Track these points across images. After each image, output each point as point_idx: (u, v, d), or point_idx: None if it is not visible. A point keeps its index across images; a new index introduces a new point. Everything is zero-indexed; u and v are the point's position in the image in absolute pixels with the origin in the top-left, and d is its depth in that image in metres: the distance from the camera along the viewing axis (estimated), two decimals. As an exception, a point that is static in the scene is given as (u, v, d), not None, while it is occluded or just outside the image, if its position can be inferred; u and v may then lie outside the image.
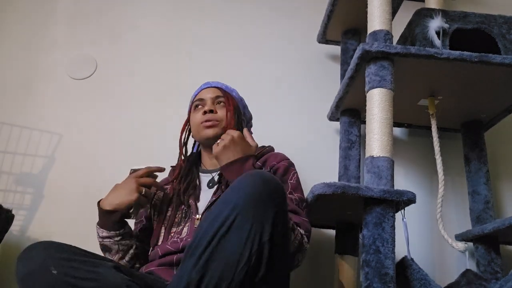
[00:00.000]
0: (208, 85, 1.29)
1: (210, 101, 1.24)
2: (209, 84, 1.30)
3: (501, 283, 1.13)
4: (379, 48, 1.22)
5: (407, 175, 1.73)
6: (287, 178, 1.12)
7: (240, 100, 1.33)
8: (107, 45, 1.88)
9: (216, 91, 1.26)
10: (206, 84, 1.31)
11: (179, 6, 1.97)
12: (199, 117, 1.21)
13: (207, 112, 1.20)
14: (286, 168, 1.14)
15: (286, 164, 1.15)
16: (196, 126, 1.23)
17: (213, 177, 1.20)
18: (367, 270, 1.05)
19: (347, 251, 1.45)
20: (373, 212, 1.10)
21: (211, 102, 1.24)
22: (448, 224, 1.60)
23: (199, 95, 1.27)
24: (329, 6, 1.66)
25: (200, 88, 1.31)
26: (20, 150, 1.68)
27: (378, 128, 1.17)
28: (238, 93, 1.34)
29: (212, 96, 1.25)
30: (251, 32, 1.92)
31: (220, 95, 1.25)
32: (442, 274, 1.57)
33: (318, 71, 1.88)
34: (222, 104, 1.23)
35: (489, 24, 1.39)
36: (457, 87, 1.40)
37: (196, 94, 1.29)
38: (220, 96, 1.25)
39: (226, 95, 1.25)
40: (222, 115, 1.21)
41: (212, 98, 1.24)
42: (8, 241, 1.50)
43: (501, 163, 1.75)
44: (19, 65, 1.83)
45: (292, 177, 1.14)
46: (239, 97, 1.34)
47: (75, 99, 1.78)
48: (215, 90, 1.26)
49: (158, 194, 1.21)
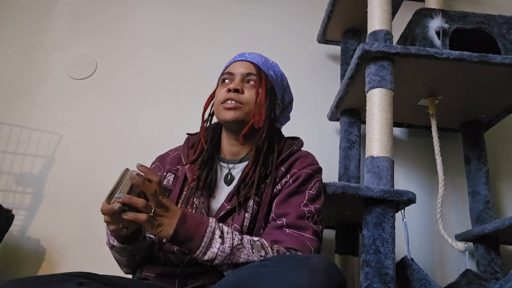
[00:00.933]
0: (242, 57, 1.08)
1: (239, 78, 1.04)
2: (243, 56, 1.08)
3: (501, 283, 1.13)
4: (379, 48, 1.22)
5: (407, 175, 1.73)
6: (306, 188, 0.97)
7: (281, 79, 1.11)
8: (107, 45, 1.88)
9: (250, 67, 1.05)
10: (241, 55, 1.09)
11: (180, 6, 1.97)
12: (222, 94, 1.03)
13: (231, 90, 1.01)
14: (308, 176, 0.99)
15: (309, 172, 0.99)
16: (217, 103, 1.04)
17: (230, 171, 1.04)
18: (367, 270, 1.05)
19: (347, 251, 1.45)
20: (373, 212, 1.10)
21: (240, 79, 1.04)
22: (448, 224, 1.60)
23: (230, 67, 1.07)
24: (329, 6, 1.66)
25: (233, 59, 1.10)
26: (20, 150, 1.69)
27: (378, 128, 1.17)
28: (280, 70, 1.13)
29: (243, 72, 1.04)
30: (251, 32, 1.92)
31: (252, 72, 1.04)
32: (442, 274, 1.57)
33: (318, 71, 1.88)
34: (252, 84, 1.04)
35: (489, 24, 1.39)
36: (457, 87, 1.40)
37: (228, 66, 1.09)
38: (252, 74, 1.04)
39: (260, 74, 1.05)
40: (249, 97, 1.02)
41: (242, 74, 1.04)
42: (8, 241, 1.50)
43: (501, 163, 1.75)
44: (19, 65, 1.83)
45: (313, 187, 0.98)
46: (280, 75, 1.12)
47: (75, 99, 1.78)
48: (248, 66, 1.05)
49: (168, 179, 1.05)
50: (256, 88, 1.02)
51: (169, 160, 1.09)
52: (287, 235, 0.90)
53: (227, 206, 0.96)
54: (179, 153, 1.10)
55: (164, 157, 1.11)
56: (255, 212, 0.95)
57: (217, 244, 0.82)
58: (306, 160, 1.03)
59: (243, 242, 0.84)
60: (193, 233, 0.81)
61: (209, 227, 0.83)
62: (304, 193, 0.97)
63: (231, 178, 1.03)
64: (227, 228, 0.85)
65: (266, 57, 1.11)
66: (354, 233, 1.48)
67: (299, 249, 0.88)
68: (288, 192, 0.96)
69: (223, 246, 0.82)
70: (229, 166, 1.05)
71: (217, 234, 0.83)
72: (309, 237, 0.91)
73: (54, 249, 1.55)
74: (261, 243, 0.86)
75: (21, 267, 1.52)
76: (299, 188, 0.97)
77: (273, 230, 0.92)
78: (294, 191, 0.96)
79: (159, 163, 1.10)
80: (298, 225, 0.92)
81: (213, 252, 0.81)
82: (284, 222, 0.92)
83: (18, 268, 1.51)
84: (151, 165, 1.11)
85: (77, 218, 1.59)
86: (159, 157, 1.13)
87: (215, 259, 0.82)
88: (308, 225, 0.93)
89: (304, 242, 0.90)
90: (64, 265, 1.52)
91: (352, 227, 1.48)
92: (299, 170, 0.99)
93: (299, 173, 0.99)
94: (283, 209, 0.94)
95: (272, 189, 0.97)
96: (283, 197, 0.95)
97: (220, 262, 0.82)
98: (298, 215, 0.93)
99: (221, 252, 0.82)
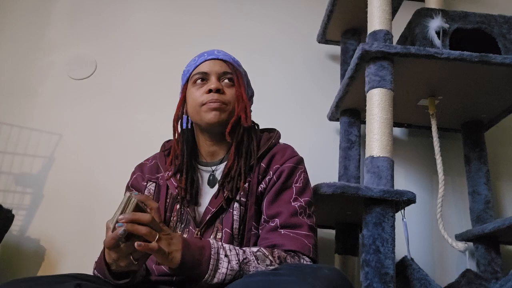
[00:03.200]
0: (213, 55, 1.04)
1: (215, 77, 1.01)
2: (214, 54, 1.04)
3: (501, 283, 1.13)
4: (379, 48, 1.22)
5: (407, 175, 1.73)
6: (292, 182, 0.96)
7: (246, 74, 1.11)
8: (107, 45, 1.88)
9: (224, 66, 1.03)
10: (211, 53, 1.05)
11: (179, 6, 1.97)
12: (202, 96, 0.99)
13: (213, 91, 0.98)
14: (291, 169, 0.97)
15: (291, 165, 0.98)
16: (196, 106, 1.00)
17: (213, 173, 1.02)
18: (367, 270, 1.05)
19: (347, 251, 1.45)
20: (373, 212, 1.10)
21: (216, 78, 1.01)
22: (448, 224, 1.60)
23: (201, 67, 1.03)
24: (329, 6, 1.66)
25: (203, 57, 1.04)
26: (20, 150, 1.68)
27: (378, 128, 1.17)
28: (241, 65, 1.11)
29: (218, 71, 1.02)
30: (251, 32, 1.92)
31: (228, 71, 1.03)
32: (442, 274, 1.57)
33: (318, 71, 1.88)
34: (229, 83, 1.02)
35: (489, 24, 1.39)
36: (457, 87, 1.40)
37: (197, 65, 1.04)
38: (228, 73, 1.02)
39: (236, 73, 1.03)
40: (230, 97, 1.00)
41: (218, 74, 1.01)
42: (8, 241, 1.50)
43: (501, 163, 1.75)
44: (18, 65, 1.83)
45: (298, 179, 0.97)
46: (245, 71, 1.11)
47: (75, 99, 1.78)
48: (222, 64, 1.03)
49: (149, 188, 1.03)
50: (236, 86, 1.01)
51: (147, 169, 1.07)
52: (283, 236, 0.90)
53: (212, 209, 0.95)
54: (156, 161, 1.08)
55: (143, 167, 1.09)
56: (243, 212, 0.94)
57: (224, 264, 0.80)
58: (285, 153, 1.01)
59: (247, 256, 0.84)
60: (198, 258, 0.79)
61: (212, 249, 0.81)
62: (291, 188, 0.96)
63: (214, 180, 1.01)
64: (228, 246, 0.84)
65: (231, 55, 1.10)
66: (354, 233, 1.48)
67: (298, 250, 0.88)
68: (275, 191, 0.95)
69: (231, 265, 0.81)
70: (212, 168, 1.03)
71: (221, 254, 0.82)
72: (305, 234, 0.91)
73: (54, 249, 1.55)
74: (262, 252, 0.85)
75: (21, 267, 1.52)
76: (285, 184, 0.96)
77: (268, 234, 0.92)
78: (281, 188, 0.95)
79: (139, 172, 1.08)
80: (292, 223, 0.91)
81: (222, 272, 0.80)
82: (278, 223, 0.91)
83: (18, 268, 1.51)
84: (132, 174, 1.09)
85: (77, 218, 1.59)
86: (138, 167, 1.10)
87: (224, 279, 0.80)
88: (302, 222, 0.92)
89: (302, 241, 0.90)
90: (64, 265, 1.52)
91: (352, 227, 1.48)
92: (281, 165, 0.98)
93: (281, 168, 0.97)
94: (274, 209, 0.93)
95: (256, 188, 0.96)
96: (272, 197, 0.95)
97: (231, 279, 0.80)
98: (290, 213, 0.92)
99: (230, 271, 0.80)
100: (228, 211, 0.95)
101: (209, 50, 1.07)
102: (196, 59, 1.06)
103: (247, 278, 0.75)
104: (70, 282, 0.76)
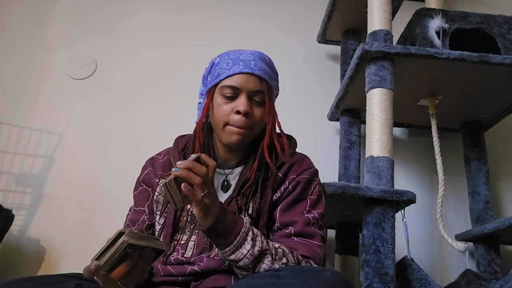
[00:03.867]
0: (248, 69, 0.94)
1: (246, 95, 0.93)
2: (250, 68, 0.94)
3: (501, 283, 1.13)
4: (379, 48, 1.22)
5: (407, 175, 1.73)
6: (307, 194, 0.96)
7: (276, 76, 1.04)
8: (107, 45, 1.88)
9: (258, 84, 0.94)
10: (247, 65, 0.95)
11: (179, 6, 1.97)
12: (230, 116, 0.94)
13: (241, 113, 0.92)
14: (307, 181, 0.96)
15: (307, 177, 0.96)
16: (220, 122, 0.95)
17: (227, 177, 1.00)
18: (367, 270, 1.05)
19: (347, 251, 1.45)
20: (373, 212, 1.10)
21: (247, 96, 0.94)
22: (448, 224, 1.60)
23: (234, 79, 0.94)
24: (329, 6, 1.66)
25: (237, 68, 0.94)
26: (20, 150, 1.68)
27: (378, 128, 1.17)
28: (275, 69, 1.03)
29: (251, 89, 0.94)
30: (251, 32, 1.92)
31: (261, 89, 0.95)
32: (442, 274, 1.57)
33: (318, 71, 1.88)
34: (259, 101, 0.95)
35: (489, 24, 1.39)
36: (457, 87, 1.40)
37: (230, 75, 0.95)
38: (260, 92, 0.95)
39: (268, 91, 0.96)
40: (257, 119, 0.95)
41: (250, 92, 0.94)
42: (8, 241, 1.50)
43: (501, 163, 1.75)
44: (19, 65, 1.83)
45: (313, 191, 0.96)
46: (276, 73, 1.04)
47: (75, 99, 1.78)
48: (256, 81, 0.94)
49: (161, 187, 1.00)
50: (266, 108, 0.96)
51: (159, 165, 1.03)
52: (297, 243, 0.90)
53: None
54: (169, 158, 1.03)
55: (154, 161, 1.05)
56: (255, 219, 0.94)
57: (247, 246, 0.81)
58: (302, 164, 1.00)
59: (269, 247, 0.84)
60: (229, 229, 0.79)
61: (244, 227, 0.81)
62: (306, 200, 0.96)
63: (228, 185, 0.99)
64: (257, 231, 0.85)
65: (264, 57, 1.00)
66: (354, 233, 1.48)
67: (311, 257, 0.89)
68: (290, 201, 0.95)
69: (253, 250, 0.81)
70: (226, 172, 1.00)
71: (249, 235, 0.82)
72: (318, 244, 0.91)
73: (54, 249, 1.55)
74: (282, 249, 0.85)
75: (21, 267, 1.52)
76: (301, 195, 0.96)
77: (282, 239, 0.91)
78: (296, 199, 0.95)
79: (151, 167, 1.04)
80: (306, 233, 0.91)
81: (242, 253, 0.80)
82: (292, 231, 0.91)
83: (18, 268, 1.51)
84: (143, 169, 1.06)
85: (77, 218, 1.59)
86: (149, 161, 1.06)
87: (241, 260, 0.80)
88: (316, 232, 0.92)
89: (315, 250, 0.90)
90: (64, 265, 1.52)
91: (352, 227, 1.48)
92: (298, 176, 0.97)
93: (298, 179, 0.96)
94: (288, 217, 0.93)
95: (271, 196, 0.96)
96: (286, 205, 0.95)
97: (244, 264, 0.81)
98: (304, 223, 0.92)
99: (250, 255, 0.81)
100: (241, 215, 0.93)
101: (246, 56, 0.96)
102: (230, 64, 0.96)
103: (249, 280, 0.74)
104: (70, 282, 0.76)
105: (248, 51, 0.99)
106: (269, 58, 1.02)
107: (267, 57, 1.01)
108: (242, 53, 0.98)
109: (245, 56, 0.97)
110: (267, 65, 0.98)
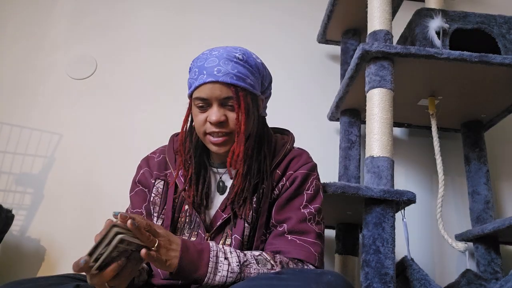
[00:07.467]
0: (212, 77, 0.89)
1: (217, 104, 0.91)
2: (213, 76, 0.89)
3: (501, 283, 1.13)
4: (379, 48, 1.22)
5: (407, 175, 1.73)
6: (304, 189, 0.95)
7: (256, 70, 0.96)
8: (107, 45, 1.88)
9: (225, 90, 0.90)
10: (210, 73, 0.90)
11: (179, 7, 1.97)
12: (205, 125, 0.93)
13: (212, 123, 0.91)
14: (304, 176, 0.95)
15: (305, 172, 0.96)
16: (200, 132, 0.95)
17: (221, 179, 0.99)
18: (367, 270, 1.05)
19: (347, 251, 1.45)
20: (373, 212, 1.10)
21: (218, 104, 0.91)
22: (448, 224, 1.60)
23: (201, 90, 0.91)
24: (329, 6, 1.66)
25: (202, 78, 0.91)
26: (20, 150, 1.68)
27: (378, 128, 1.17)
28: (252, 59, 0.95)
29: (219, 97, 0.90)
30: (251, 32, 1.92)
31: (230, 95, 0.90)
32: (442, 274, 1.57)
33: (318, 71, 1.88)
34: (232, 107, 0.91)
35: (489, 24, 1.39)
36: (457, 87, 1.40)
37: (196, 86, 0.92)
38: (230, 98, 0.90)
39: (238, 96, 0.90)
40: (233, 125, 0.91)
41: (219, 100, 0.91)
42: (8, 241, 1.50)
43: (501, 163, 1.75)
44: (19, 65, 1.83)
45: (310, 186, 0.95)
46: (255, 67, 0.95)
47: (75, 99, 1.78)
48: (223, 89, 0.90)
49: (157, 187, 0.99)
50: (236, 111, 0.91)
51: (155, 164, 1.02)
52: (289, 242, 0.89)
53: (224, 215, 0.93)
54: (165, 156, 1.03)
55: (150, 161, 1.04)
56: (255, 219, 0.93)
57: (224, 267, 0.80)
58: (300, 159, 0.99)
59: (247, 258, 0.83)
60: (197, 261, 0.78)
61: (211, 252, 0.81)
62: (302, 195, 0.95)
63: (223, 186, 0.98)
64: (228, 248, 0.84)
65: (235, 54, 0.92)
66: (354, 233, 1.48)
67: (303, 259, 0.88)
68: (287, 196, 0.94)
69: (231, 267, 0.80)
70: (220, 172, 0.99)
71: (221, 256, 0.81)
72: (312, 241, 0.90)
73: (54, 249, 1.55)
74: (263, 256, 0.85)
75: (21, 267, 1.52)
76: (297, 190, 0.95)
77: (275, 239, 0.91)
78: (293, 194, 0.94)
79: (147, 167, 1.03)
80: (300, 229, 0.90)
81: (223, 275, 0.79)
82: (286, 228, 0.91)
83: (18, 268, 1.51)
84: (138, 168, 1.05)
85: (77, 218, 1.59)
86: (144, 161, 1.05)
87: (225, 282, 0.80)
88: (310, 228, 0.91)
89: (308, 249, 0.89)
90: (64, 265, 1.52)
91: (352, 227, 1.48)
92: (295, 171, 0.96)
93: (295, 175, 0.96)
94: (283, 214, 0.93)
95: (270, 195, 0.95)
96: (282, 202, 0.94)
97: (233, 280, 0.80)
98: (299, 219, 0.91)
99: (231, 273, 0.80)
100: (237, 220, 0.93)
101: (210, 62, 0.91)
102: (197, 74, 0.92)
103: (250, 281, 0.74)
104: (69, 284, 0.76)
105: (215, 53, 0.93)
106: (242, 53, 0.93)
107: (239, 52, 0.93)
108: (208, 58, 0.92)
109: (209, 62, 0.91)
110: (237, 64, 0.91)
